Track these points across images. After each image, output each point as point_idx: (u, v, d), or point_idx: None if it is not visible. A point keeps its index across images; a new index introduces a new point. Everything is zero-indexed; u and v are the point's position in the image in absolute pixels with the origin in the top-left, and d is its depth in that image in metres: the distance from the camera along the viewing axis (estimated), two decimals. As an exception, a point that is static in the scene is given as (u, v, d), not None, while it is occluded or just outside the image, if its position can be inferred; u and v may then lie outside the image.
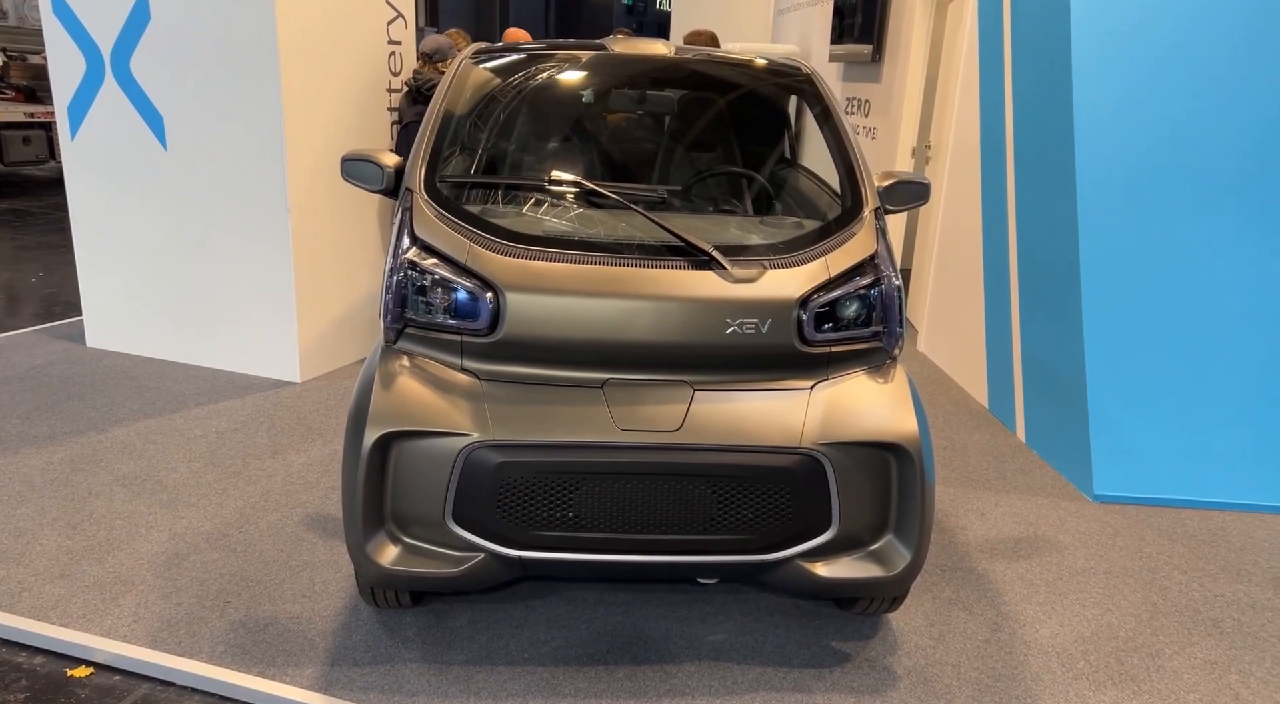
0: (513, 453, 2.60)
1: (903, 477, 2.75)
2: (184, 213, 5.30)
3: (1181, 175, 4.36)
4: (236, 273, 5.27)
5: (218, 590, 3.25)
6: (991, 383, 5.39)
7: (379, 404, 2.68)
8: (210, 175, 5.16)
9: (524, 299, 2.67)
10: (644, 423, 2.64)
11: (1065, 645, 3.17)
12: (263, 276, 5.21)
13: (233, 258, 5.25)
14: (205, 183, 5.19)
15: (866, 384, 2.83)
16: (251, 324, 5.34)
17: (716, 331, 2.68)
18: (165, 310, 5.52)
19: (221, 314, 5.39)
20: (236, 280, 5.29)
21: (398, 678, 2.84)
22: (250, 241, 5.18)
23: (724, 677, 2.92)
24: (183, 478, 4.08)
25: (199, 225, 5.28)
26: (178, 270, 5.42)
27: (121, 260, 5.56)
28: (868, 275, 2.85)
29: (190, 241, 5.33)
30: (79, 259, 5.70)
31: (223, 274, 5.31)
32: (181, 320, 5.50)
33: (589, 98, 3.90)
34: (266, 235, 5.12)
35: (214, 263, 5.31)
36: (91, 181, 5.49)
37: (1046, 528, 4.01)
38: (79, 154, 5.47)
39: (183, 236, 5.34)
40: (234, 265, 5.26)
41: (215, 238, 5.26)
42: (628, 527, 2.65)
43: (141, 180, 5.34)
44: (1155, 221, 4.38)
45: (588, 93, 3.88)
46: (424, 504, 2.68)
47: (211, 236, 5.27)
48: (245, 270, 5.24)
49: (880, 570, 2.77)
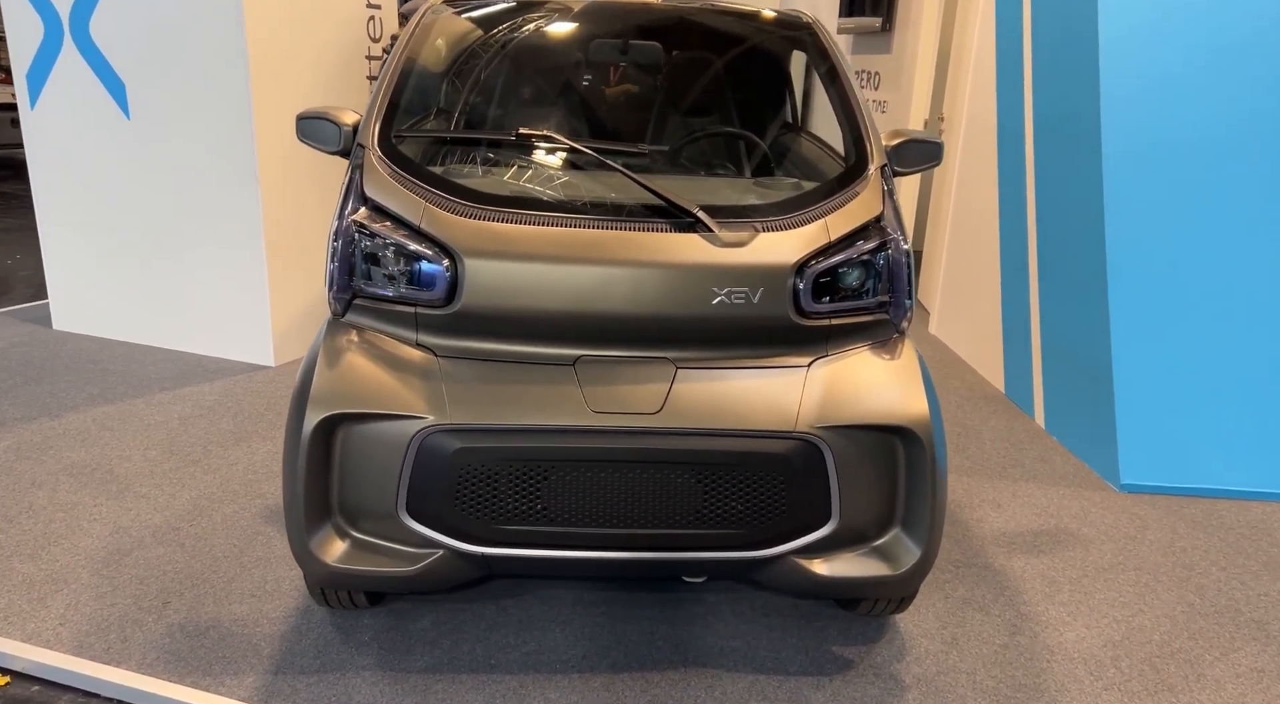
0: (472, 438, 2.33)
1: (911, 464, 2.47)
2: (149, 186, 5.01)
3: (1214, 149, 4.00)
4: (205, 250, 4.99)
5: (158, 590, 2.96)
6: (1008, 366, 5.08)
7: (322, 384, 2.40)
8: (175, 146, 4.87)
9: (484, 266, 2.39)
10: (620, 404, 2.36)
11: (1093, 651, 2.85)
12: (233, 253, 4.92)
13: (201, 234, 4.97)
14: (170, 154, 4.90)
15: (870, 361, 2.53)
16: (222, 305, 5.06)
17: (702, 302, 2.40)
18: (133, 291, 5.25)
19: (191, 294, 5.11)
20: (206, 258, 5.01)
21: (347, 688, 2.55)
22: (219, 217, 4.89)
23: (711, 685, 2.63)
24: (136, 467, 3.79)
25: (165, 200, 4.99)
26: (145, 248, 5.14)
27: (86, 238, 5.28)
28: (872, 239, 2.55)
29: (156, 217, 5.05)
30: (43, 237, 5.42)
31: (191, 251, 5.03)
32: (150, 301, 5.22)
33: (567, 50, 3.58)
34: (236, 210, 4.83)
35: (182, 239, 5.03)
36: (53, 154, 5.21)
37: (1069, 520, 3.69)
38: (39, 124, 5.18)
39: (148, 212, 5.06)
40: (202, 242, 4.98)
41: (182, 213, 4.98)
42: (603, 520, 2.39)
43: (104, 152, 5.06)
44: (1186, 197, 4.03)
45: (565, 44, 3.57)
46: (374, 495, 2.41)
47: (179, 212, 4.98)
48: (214, 247, 4.96)
49: (886, 568, 2.48)
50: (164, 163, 4.93)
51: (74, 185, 5.20)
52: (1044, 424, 4.63)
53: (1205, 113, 3.99)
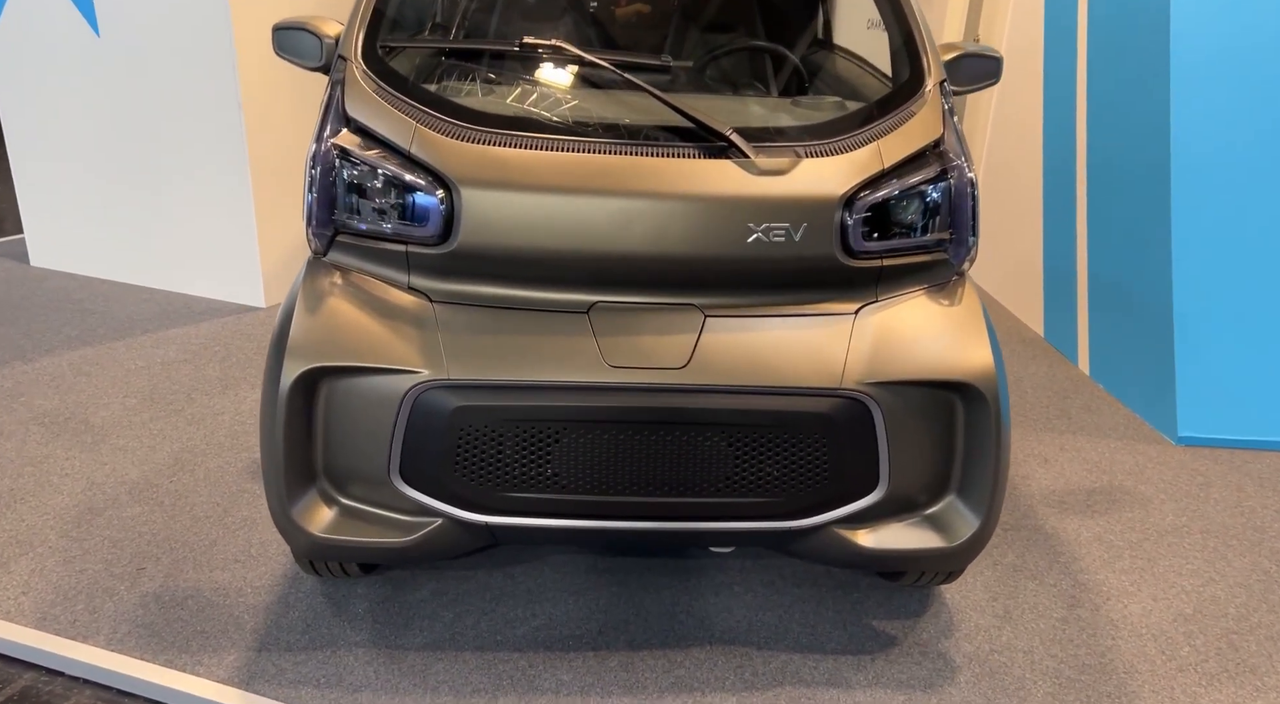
0: (473, 396, 2.07)
1: (971, 424, 2.19)
2: (124, 111, 4.64)
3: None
4: (187, 180, 4.64)
5: (133, 554, 2.71)
6: (1049, 308, 4.75)
7: (301, 333, 2.13)
8: (150, 66, 4.49)
9: (485, 197, 2.08)
10: (641, 358, 2.08)
11: (1162, 626, 2.59)
12: (217, 183, 4.57)
13: (182, 162, 4.62)
14: (144, 75, 4.52)
15: (926, 307, 2.24)
16: (208, 240, 4.73)
17: (735, 240, 2.10)
18: (114, 225, 4.92)
19: (175, 229, 4.78)
20: (188, 189, 4.66)
21: (339, 667, 2.31)
22: (200, 143, 4.53)
23: (741, 666, 2.37)
24: (113, 416, 3.52)
25: (142, 125, 4.63)
26: (123, 178, 4.79)
27: (61, 167, 4.93)
28: (932, 166, 2.23)
29: (133, 145, 4.69)
30: (14, 169, 5.07)
31: (172, 182, 4.68)
32: (132, 236, 4.89)
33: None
34: (218, 135, 4.47)
35: (161, 168, 4.68)
36: (21, 77, 4.82)
37: (1123, 476, 3.40)
38: (5, 43, 4.78)
39: (125, 139, 4.69)
40: (184, 171, 4.63)
41: (161, 139, 4.61)
42: (621, 488, 2.13)
43: (73, 73, 4.67)
44: (1263, 121, 3.65)
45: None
46: (363, 458, 2.15)
47: (156, 138, 4.62)
48: (197, 177, 4.61)
49: (938, 540, 2.23)
50: (139, 84, 4.55)
51: (45, 110, 4.83)
52: (1089, 371, 4.32)
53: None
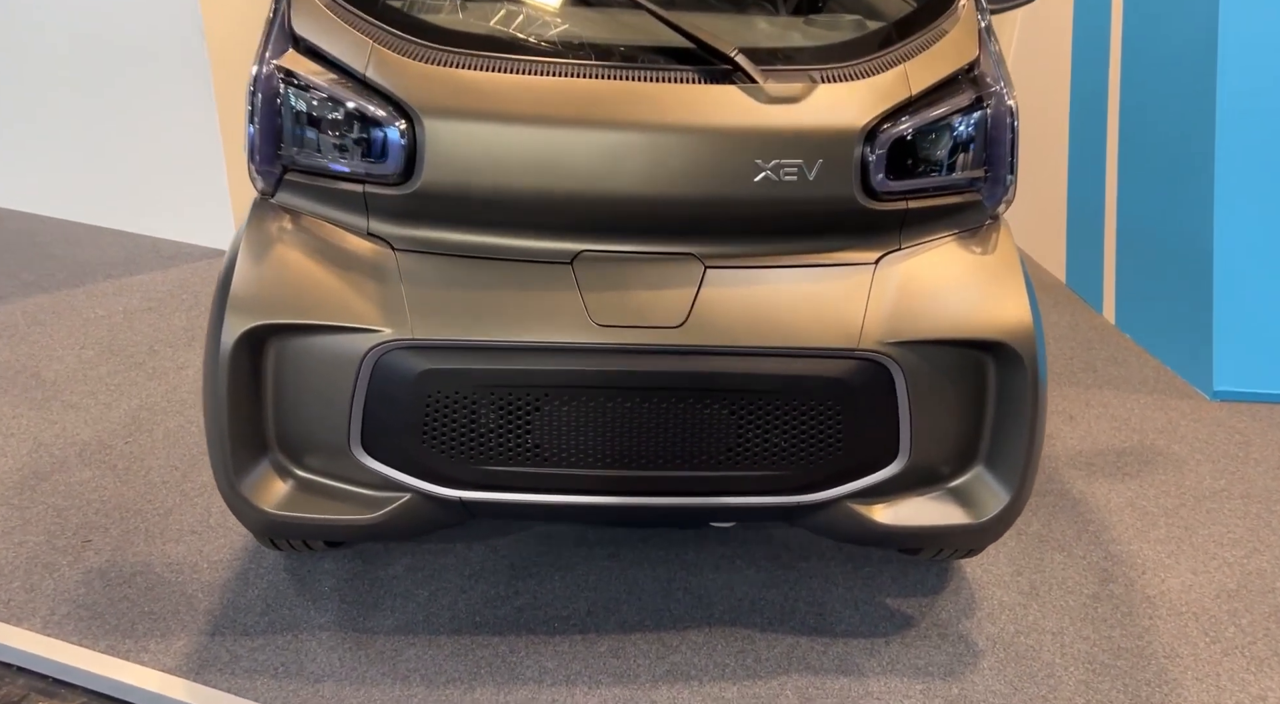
0: (442, 358, 1.85)
1: (1005, 388, 1.97)
2: (87, 44, 4.30)
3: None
4: (150, 111, 4.32)
5: (79, 524, 2.48)
6: (1071, 250, 4.48)
7: (244, 285, 1.89)
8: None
9: (452, 128, 1.83)
10: (632, 315, 1.85)
11: (1204, 603, 2.37)
12: (183, 120, 4.26)
13: (143, 93, 4.30)
14: (106, 4, 4.17)
15: (957, 256, 2.01)
16: (176, 177, 4.43)
17: (740, 179, 1.85)
18: (78, 162, 4.62)
19: (142, 165, 4.48)
20: (151, 122, 4.35)
21: (299, 653, 2.10)
22: (165, 78, 4.20)
23: (742, 651, 2.16)
24: (67, 370, 3.27)
25: (105, 58, 4.29)
26: (84, 112, 4.47)
27: (14, 97, 4.61)
28: (966, 92, 1.96)
29: (91, 75, 4.36)
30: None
31: (134, 115, 4.37)
32: (96, 173, 4.59)
33: None
34: (182, 68, 4.14)
35: (121, 101, 4.36)
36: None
37: (1155, 435, 3.17)
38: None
39: (89, 74, 4.37)
40: (145, 102, 4.31)
41: (126, 74, 4.29)
42: (610, 461, 1.92)
43: (34, 7, 4.34)
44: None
45: None
46: (320, 427, 1.93)
47: (122, 73, 4.29)
48: (159, 107, 4.30)
49: (963, 515, 2.01)
50: (101, 13, 4.20)
51: (4, 44, 4.49)
52: (1114, 319, 4.07)
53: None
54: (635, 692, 2.04)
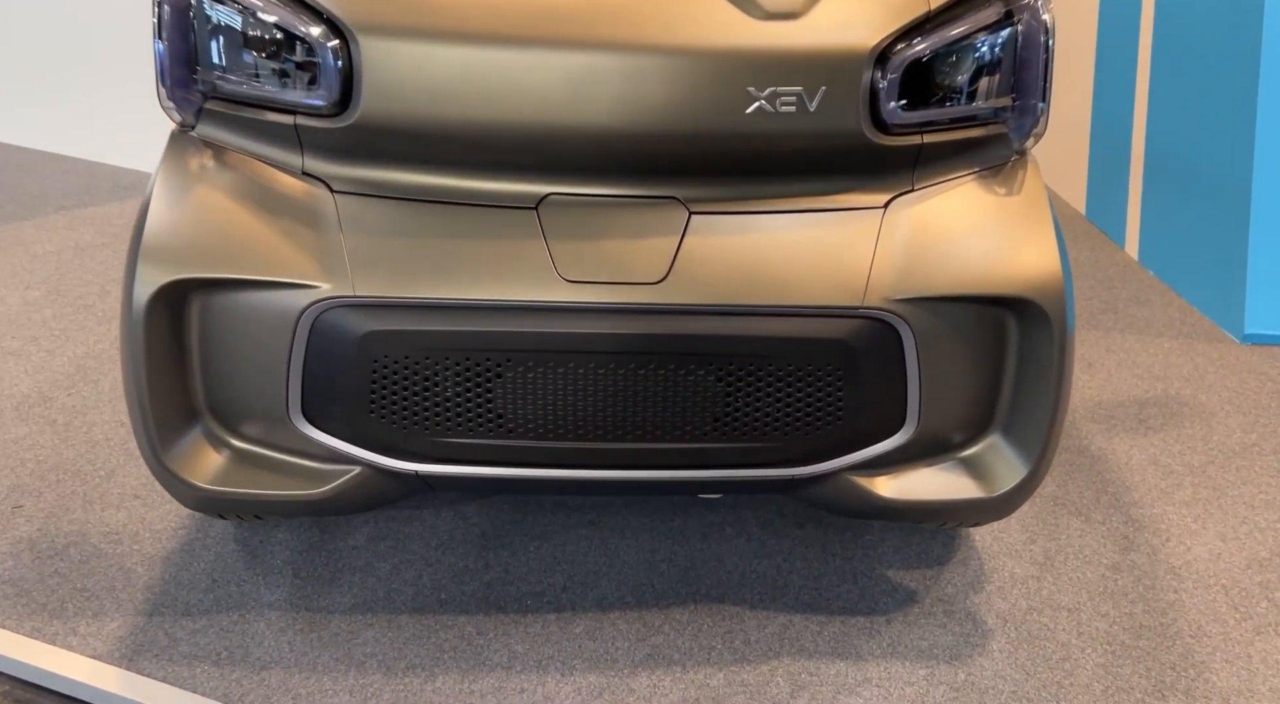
0: (388, 318, 1.65)
1: (1028, 348, 1.77)
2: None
3: None
4: (109, 25, 4.04)
5: (10, 487, 2.30)
6: (1093, 180, 4.26)
7: (158, 233, 1.69)
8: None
9: (394, 49, 1.63)
10: (606, 270, 1.67)
11: (1234, 574, 2.19)
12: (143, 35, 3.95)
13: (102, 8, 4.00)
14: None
15: (978, 198, 1.80)
16: (137, 101, 4.14)
17: (730, 110, 1.66)
18: (30, 83, 4.35)
19: (100, 88, 4.20)
20: (111, 41, 4.05)
21: (244, 636, 1.92)
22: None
23: (730, 632, 1.98)
24: (9, 312, 3.07)
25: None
26: (39, 32, 4.19)
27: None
28: (992, 6, 1.68)
29: None
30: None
31: (92, 30, 4.08)
32: (50, 97, 4.34)
33: None
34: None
35: (80, 19, 4.06)
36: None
37: (1181, 384, 2.95)
38: None
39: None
40: (104, 20, 4.01)
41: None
42: (582, 432, 1.73)
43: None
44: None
45: None
46: (255, 393, 1.75)
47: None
48: (120, 27, 4.00)
49: (975, 489, 1.84)
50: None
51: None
52: (1137, 255, 3.86)
53: None
54: (612, 678, 1.87)
